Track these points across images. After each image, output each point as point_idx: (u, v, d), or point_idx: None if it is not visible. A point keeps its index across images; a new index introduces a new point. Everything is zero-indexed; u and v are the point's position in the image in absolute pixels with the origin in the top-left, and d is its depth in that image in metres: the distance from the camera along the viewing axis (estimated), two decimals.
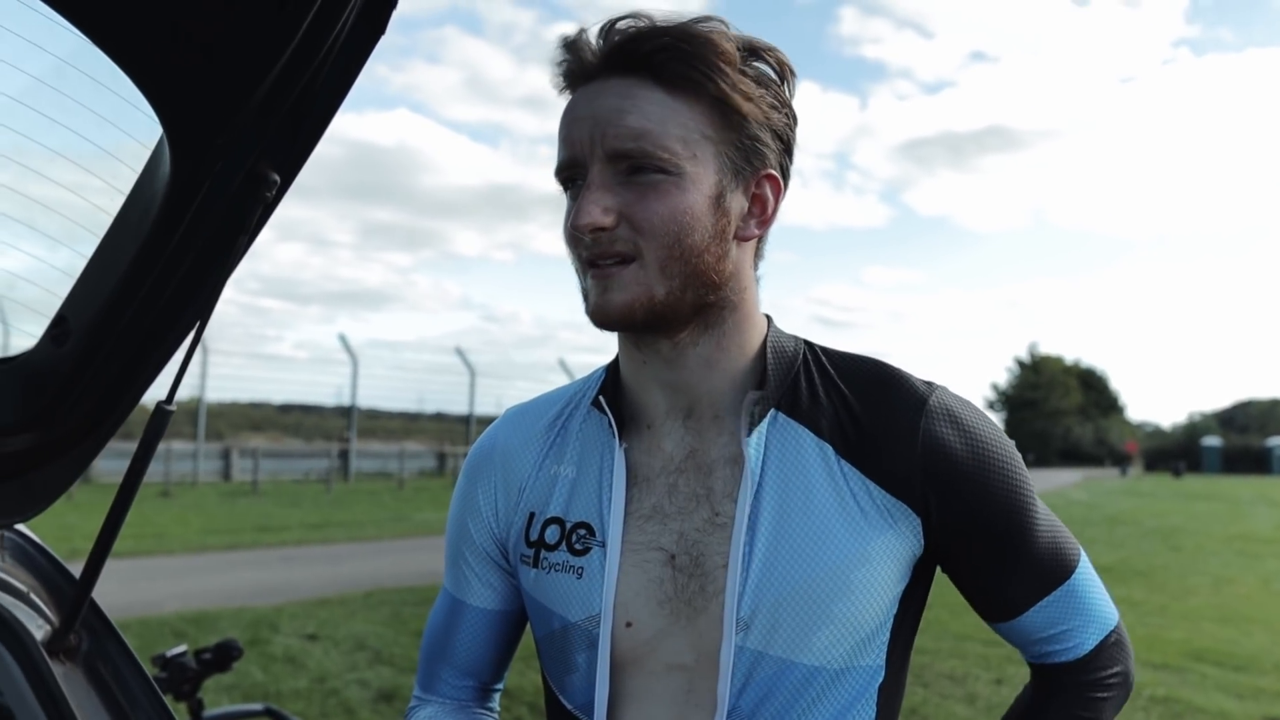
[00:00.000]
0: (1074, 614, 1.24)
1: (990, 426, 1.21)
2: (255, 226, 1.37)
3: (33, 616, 1.58)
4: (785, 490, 1.15)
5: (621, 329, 1.15)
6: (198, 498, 21.02)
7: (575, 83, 1.15)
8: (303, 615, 8.92)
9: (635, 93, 1.09)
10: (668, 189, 1.09)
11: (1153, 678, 7.74)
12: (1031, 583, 1.21)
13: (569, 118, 1.13)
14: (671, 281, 1.11)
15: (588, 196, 1.09)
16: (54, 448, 1.56)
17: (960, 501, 1.15)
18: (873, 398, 1.19)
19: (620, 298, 1.10)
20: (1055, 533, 1.23)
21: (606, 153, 1.09)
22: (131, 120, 1.33)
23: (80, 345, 1.47)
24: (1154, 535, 19.66)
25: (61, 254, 1.52)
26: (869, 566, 1.13)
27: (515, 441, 1.31)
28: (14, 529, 1.70)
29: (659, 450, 1.21)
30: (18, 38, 1.29)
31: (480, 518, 1.32)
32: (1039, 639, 1.25)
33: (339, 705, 6.29)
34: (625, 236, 1.09)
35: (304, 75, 1.22)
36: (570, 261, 1.17)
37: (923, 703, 6.64)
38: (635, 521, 1.19)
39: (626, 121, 1.08)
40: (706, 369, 1.18)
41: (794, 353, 1.23)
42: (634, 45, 1.09)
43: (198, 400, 25.19)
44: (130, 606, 8.57)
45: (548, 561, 1.22)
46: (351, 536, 15.44)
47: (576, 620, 1.19)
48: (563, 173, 1.15)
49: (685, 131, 1.09)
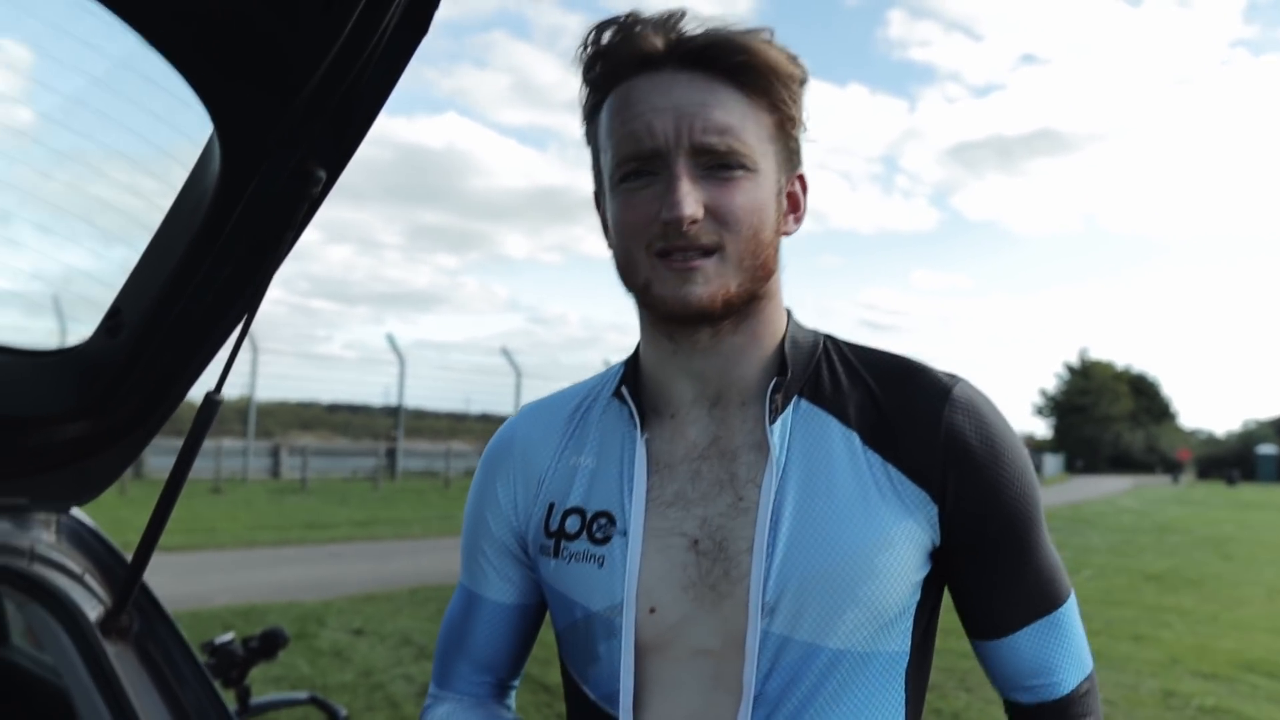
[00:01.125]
0: (1059, 647, 1.21)
1: (1010, 430, 1.21)
2: (302, 222, 1.41)
3: (87, 597, 1.64)
4: (809, 475, 1.16)
5: (697, 321, 1.16)
6: (247, 494, 21.32)
7: (632, 70, 1.14)
8: (349, 610, 9.03)
9: (716, 90, 1.12)
10: (748, 185, 1.12)
11: (1202, 687, 7.61)
12: (1023, 603, 1.20)
13: (639, 106, 1.12)
14: (744, 274, 1.14)
15: (681, 188, 1.09)
16: (107, 436, 1.62)
17: (973, 496, 1.16)
18: (896, 387, 1.20)
19: (704, 290, 1.12)
20: (1053, 559, 1.22)
21: (694, 145, 1.10)
22: (183, 119, 1.38)
23: (133, 336, 1.52)
24: (1206, 544, 19.29)
25: (117, 249, 1.58)
26: (892, 550, 1.14)
27: (535, 434, 1.32)
28: (69, 513, 1.76)
29: (682, 438, 1.22)
30: (76, 40, 1.34)
31: (499, 510, 1.32)
32: (1021, 670, 1.22)
33: (384, 699, 6.36)
34: (710, 229, 1.11)
35: (349, 74, 1.26)
36: (621, 252, 1.17)
37: (966, 707, 6.58)
38: (657, 508, 1.19)
39: (714, 116, 1.10)
40: (738, 357, 1.20)
41: (813, 343, 1.25)
42: (718, 48, 1.12)
43: (248, 399, 25.55)
44: (182, 599, 8.73)
45: (568, 551, 1.22)
46: (398, 534, 15.58)
47: (599, 609, 1.19)
48: (634, 162, 1.13)
49: (757, 129, 1.14)
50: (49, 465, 1.65)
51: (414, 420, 34.04)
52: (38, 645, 2.91)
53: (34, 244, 1.58)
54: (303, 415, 37.87)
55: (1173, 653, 8.80)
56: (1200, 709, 7.00)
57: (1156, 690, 7.47)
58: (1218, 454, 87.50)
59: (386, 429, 31.56)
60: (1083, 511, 28.18)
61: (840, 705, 1.14)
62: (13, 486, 1.65)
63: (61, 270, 1.63)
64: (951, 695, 6.82)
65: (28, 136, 1.51)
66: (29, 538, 1.67)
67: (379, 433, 32.63)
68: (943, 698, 6.73)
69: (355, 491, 23.47)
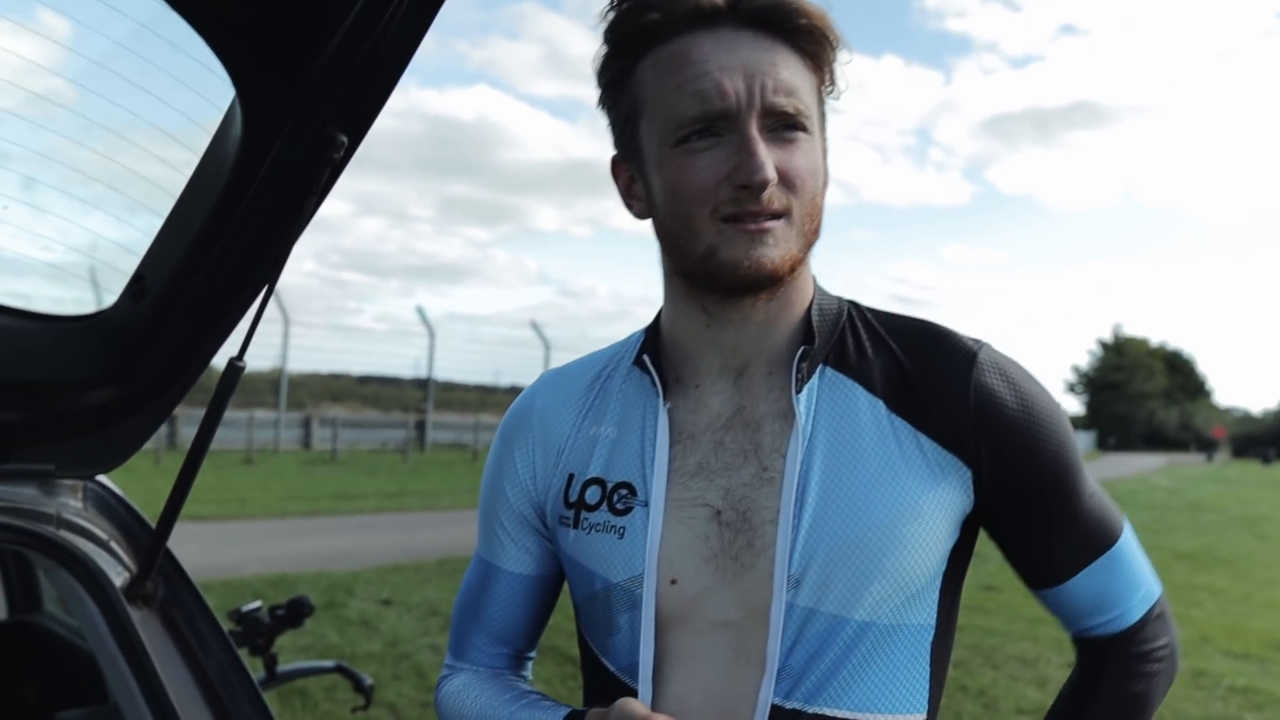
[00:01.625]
0: (1119, 582, 1.21)
1: (1039, 386, 1.20)
2: (324, 188, 1.40)
3: (112, 563, 1.65)
4: (836, 445, 1.14)
5: (764, 285, 1.14)
6: (279, 465, 21.55)
7: (685, 27, 1.10)
8: (377, 581, 9.12)
9: (779, 50, 1.10)
10: (809, 148, 1.12)
11: (1233, 667, 7.55)
12: (1077, 548, 1.19)
13: (711, 63, 1.08)
14: (804, 239, 1.13)
15: (759, 151, 1.07)
16: (132, 402, 1.62)
17: (1011, 456, 1.14)
18: (922, 352, 1.18)
19: (775, 253, 1.10)
20: (1100, 499, 1.21)
21: (765, 107, 1.08)
22: (206, 84, 1.37)
23: (157, 302, 1.52)
24: (1239, 523, 19.11)
25: (140, 215, 1.57)
26: (920, 520, 1.12)
27: (553, 403, 1.30)
28: (96, 480, 1.77)
29: (705, 408, 1.20)
30: (100, 3, 1.33)
31: (517, 480, 1.30)
32: (1084, 609, 1.22)
33: (411, 668, 6.43)
34: (779, 194, 1.09)
35: (369, 38, 1.24)
36: (677, 219, 1.12)
37: (992, 684, 6.56)
38: (679, 478, 1.18)
39: (783, 77, 1.09)
40: (770, 327, 1.19)
41: (839, 310, 1.23)
42: (781, 8, 1.10)
43: (280, 370, 25.77)
44: (213, 568, 8.84)
45: (588, 522, 1.21)
46: (426, 506, 15.70)
47: (619, 580, 1.18)
48: (700, 123, 1.09)
49: (812, 91, 1.13)
50: (75, 431, 1.65)
51: (443, 393, 34.23)
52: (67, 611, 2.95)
53: (59, 210, 1.58)
54: (333, 387, 38.15)
55: (1204, 632, 8.73)
56: (1231, 688, 6.95)
57: (1187, 670, 7.42)
58: (1253, 432, 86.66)
59: (416, 401, 31.75)
60: (1114, 489, 27.97)
61: (864, 679, 1.13)
62: (39, 453, 1.66)
63: (86, 236, 1.63)
64: (978, 672, 6.80)
65: (52, 102, 1.50)
66: (55, 504, 1.68)
67: (409, 405, 32.83)
68: (969, 674, 6.71)
69: (385, 463, 23.66)
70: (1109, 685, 1.23)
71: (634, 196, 1.21)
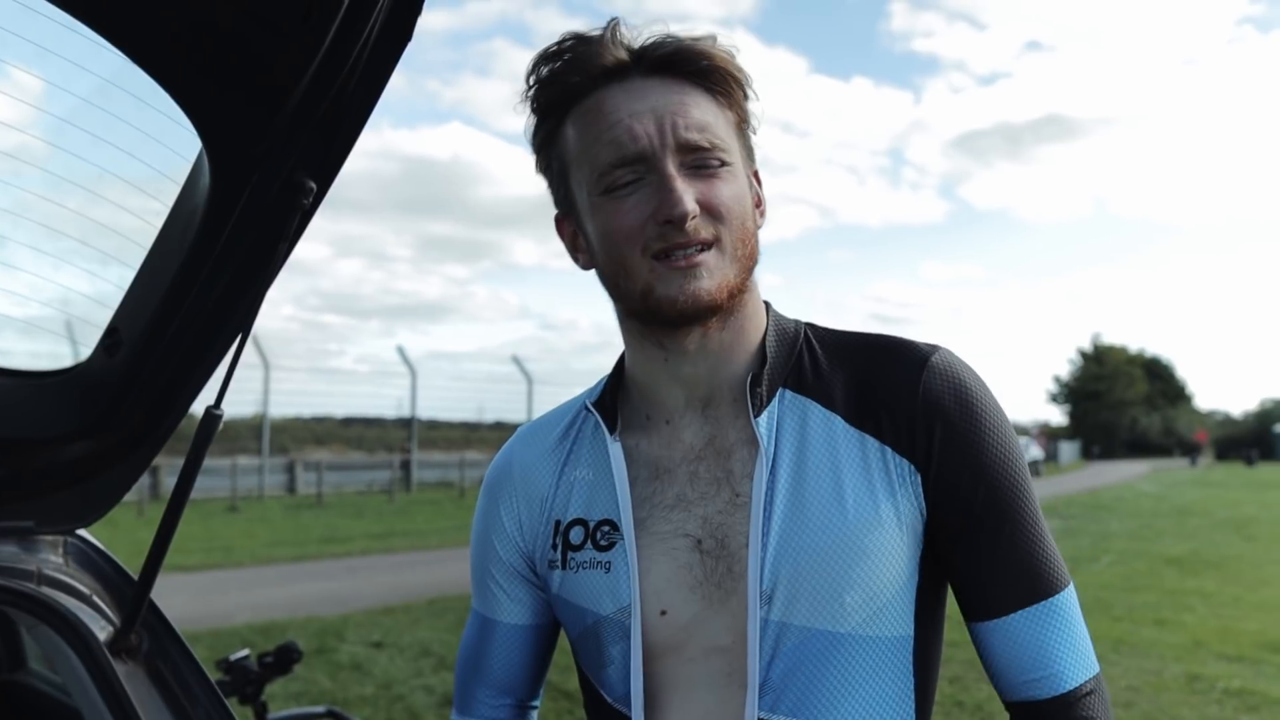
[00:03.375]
0: (1058, 638, 1.16)
1: (990, 397, 1.21)
2: (294, 234, 1.41)
3: (96, 618, 1.64)
4: (799, 464, 1.17)
5: (703, 317, 1.17)
6: (264, 511, 21.38)
7: (596, 84, 1.16)
8: (368, 623, 9.05)
9: (689, 92, 1.16)
10: (729, 178, 1.16)
11: (1226, 670, 7.57)
12: (1018, 583, 1.17)
13: (622, 112, 1.14)
14: (738, 265, 1.17)
15: (676, 186, 1.11)
16: (110, 455, 1.62)
17: (952, 458, 1.16)
18: (877, 364, 1.21)
19: (712, 284, 1.14)
20: (1049, 544, 1.19)
21: (678, 144, 1.13)
22: (172, 136, 1.38)
23: (132, 354, 1.53)
24: (1226, 526, 19.20)
25: (112, 268, 1.58)
26: (881, 530, 1.14)
27: (530, 456, 1.34)
28: (76, 534, 1.76)
29: (678, 442, 1.24)
30: (63, 61, 1.34)
31: (505, 534, 1.34)
32: (1018, 660, 1.17)
33: (405, 711, 6.37)
34: (705, 224, 1.14)
35: (334, 83, 1.25)
36: (613, 262, 1.17)
37: (989, 699, 6.53)
38: (660, 512, 1.21)
39: (692, 114, 1.14)
40: (725, 356, 1.22)
41: (795, 333, 1.26)
42: (682, 54, 1.16)
43: (262, 416, 25.64)
44: (202, 618, 8.76)
45: (575, 561, 1.25)
46: (414, 545, 15.60)
47: (608, 613, 1.21)
48: (619, 169, 1.14)
49: (726, 127, 1.18)
50: (54, 487, 1.65)
51: (427, 431, 34.14)
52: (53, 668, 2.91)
53: (29, 266, 1.58)
54: (316, 430, 37.95)
55: (1196, 636, 8.76)
56: (1226, 691, 6.96)
57: (1181, 674, 7.43)
58: (1235, 434, 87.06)
59: (400, 441, 31.64)
60: (1101, 497, 28.07)
61: (846, 691, 1.15)
62: (18, 509, 1.66)
63: (58, 291, 1.63)
64: (974, 687, 6.78)
65: (19, 159, 1.51)
66: (36, 560, 1.67)
67: (393, 445, 32.72)
68: (965, 690, 6.69)
69: (371, 504, 23.53)
70: None
71: (578, 249, 1.26)
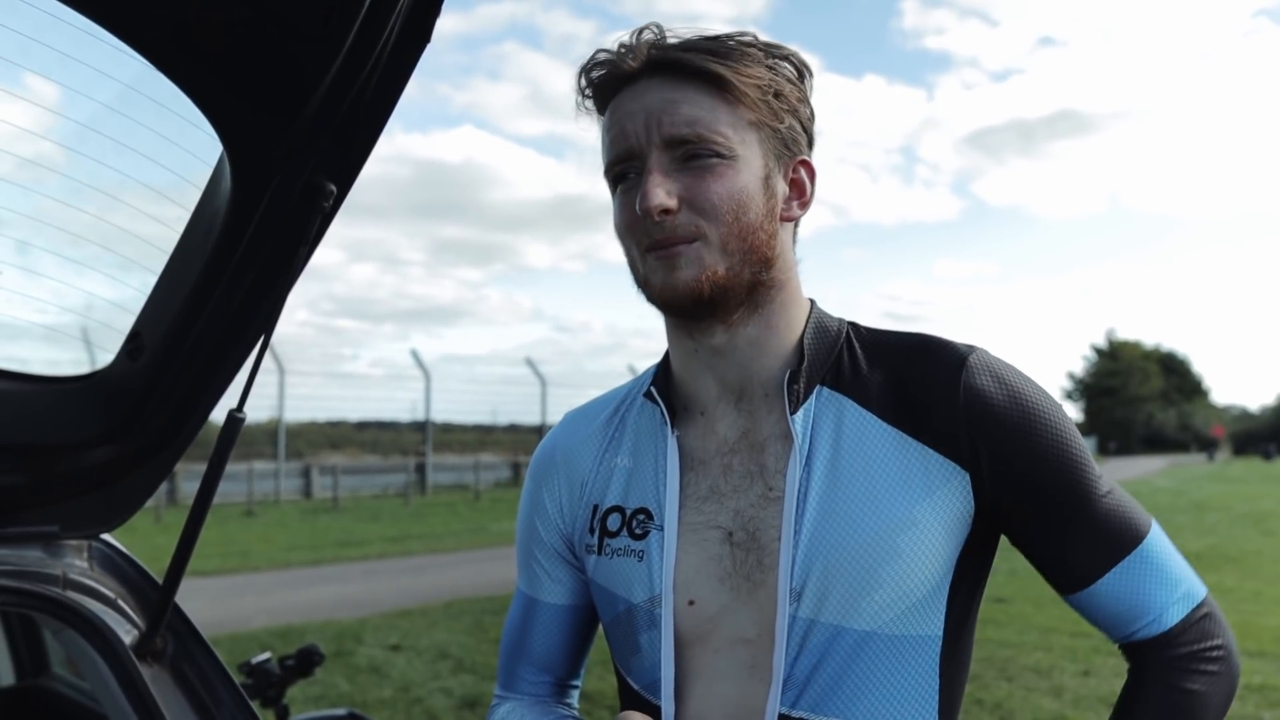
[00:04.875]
0: (1151, 582, 1.18)
1: (1034, 385, 1.21)
2: (315, 238, 1.42)
3: (121, 621, 1.65)
4: (834, 461, 1.18)
5: (688, 306, 1.18)
6: (280, 516, 21.45)
7: (615, 88, 1.20)
8: (385, 627, 9.07)
9: (682, 88, 1.17)
10: (723, 171, 1.16)
11: (1248, 665, 7.51)
12: (1098, 548, 1.18)
13: (618, 114, 1.19)
14: (731, 258, 1.16)
15: (651, 180, 1.14)
16: (133, 459, 1.63)
17: (1008, 453, 1.16)
18: (915, 363, 1.21)
19: (687, 274, 1.15)
20: (1119, 497, 1.20)
21: (664, 139, 1.15)
22: (193, 141, 1.39)
23: (155, 359, 1.53)
24: (1245, 520, 19.09)
25: (135, 273, 1.59)
26: (916, 530, 1.14)
27: (574, 441, 1.37)
28: (100, 538, 1.77)
29: (713, 434, 1.25)
30: (85, 67, 1.35)
31: (547, 517, 1.37)
32: (1119, 614, 1.19)
33: (424, 713, 6.39)
34: (687, 220, 1.15)
35: (354, 86, 1.26)
36: (626, 254, 1.22)
37: (1008, 696, 6.53)
38: (693, 503, 1.23)
39: (681, 110, 1.15)
40: (756, 350, 1.23)
41: (837, 331, 1.27)
42: (677, 51, 1.17)
43: (277, 420, 25.71)
44: (220, 623, 8.79)
45: (610, 548, 1.27)
46: (430, 548, 15.64)
47: (639, 602, 1.23)
48: (616, 166, 1.19)
49: (732, 119, 1.17)
50: (78, 491, 1.66)
51: (442, 434, 34.16)
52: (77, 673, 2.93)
53: (53, 272, 1.59)
54: (331, 435, 38.03)
55: None
56: (1247, 687, 6.91)
57: None
58: (1253, 429, 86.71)
59: (415, 444, 31.70)
60: None
61: (869, 689, 1.15)
62: (43, 514, 1.67)
63: (82, 297, 1.64)
64: (993, 685, 6.77)
65: (42, 166, 1.52)
66: (61, 565, 1.68)
67: (408, 448, 32.77)
68: (984, 688, 6.67)
69: (387, 508, 23.58)
70: (1153, 691, 1.18)
71: None
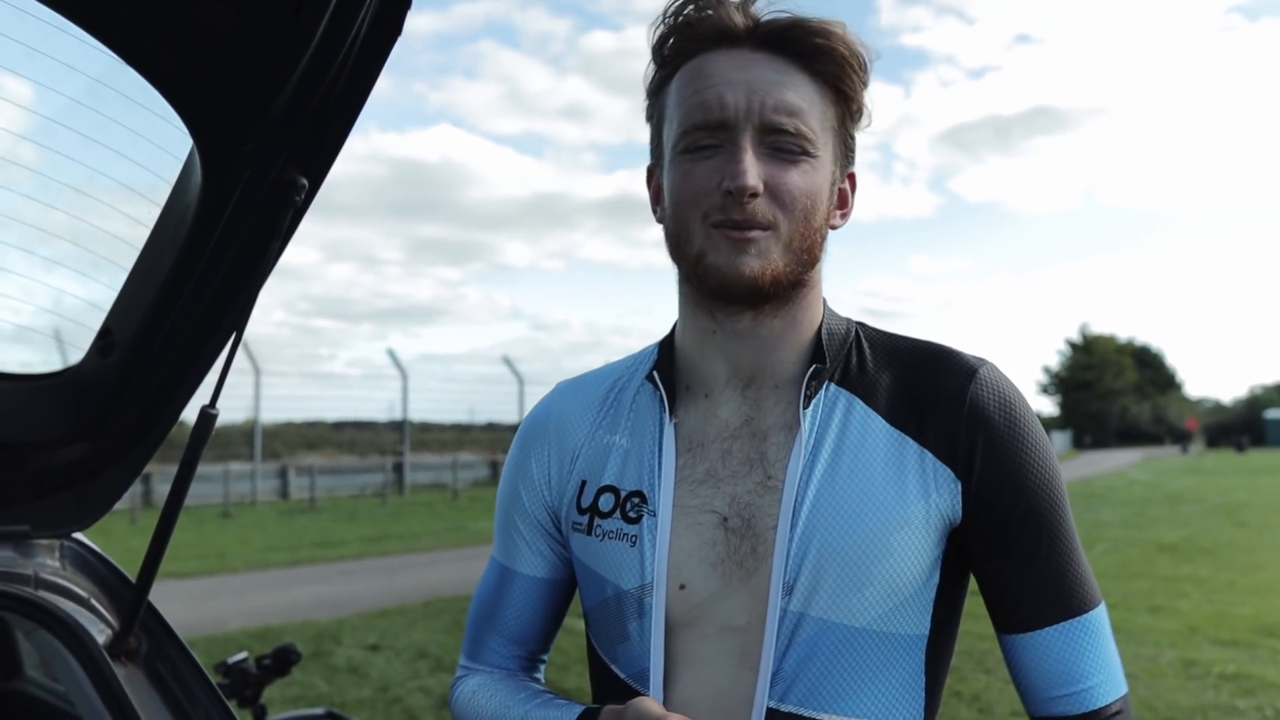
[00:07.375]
0: (1090, 654, 1.16)
1: (1034, 418, 1.21)
2: (287, 231, 1.41)
3: (94, 621, 1.64)
4: (835, 457, 1.17)
5: (743, 294, 1.16)
6: (257, 517, 21.30)
7: (708, 45, 1.17)
8: (364, 627, 9.02)
9: (790, 73, 1.15)
10: (808, 168, 1.15)
11: (1222, 655, 7.60)
12: (1050, 599, 1.16)
13: (713, 78, 1.15)
14: (792, 255, 1.16)
15: (746, 160, 1.11)
16: (105, 457, 1.61)
17: (995, 471, 1.16)
18: (924, 369, 1.21)
19: (756, 264, 1.13)
20: (1083, 564, 1.20)
21: (763, 123, 1.13)
22: (163, 135, 1.37)
23: (126, 355, 1.52)
24: (1219, 512, 19.29)
25: (105, 268, 1.57)
26: (908, 530, 1.14)
27: (569, 411, 1.34)
28: (72, 537, 1.75)
29: (714, 417, 1.23)
30: (52, 61, 1.34)
31: (533, 485, 1.34)
32: (1048, 672, 1.16)
33: (402, 712, 6.36)
34: (766, 208, 1.13)
35: (324, 79, 1.25)
36: (676, 221, 1.18)
37: (986, 688, 6.57)
38: (688, 486, 1.21)
39: (786, 97, 1.13)
40: (775, 342, 1.22)
41: (846, 330, 1.27)
42: (795, 32, 1.15)
43: (253, 421, 25.55)
44: (197, 625, 8.72)
45: (601, 529, 1.24)
46: (408, 548, 15.57)
47: (629, 588, 1.21)
48: (700, 131, 1.15)
49: (823, 120, 1.17)
50: (49, 490, 1.64)
51: (419, 434, 34.05)
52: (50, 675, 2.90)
53: (22, 269, 1.57)
54: (308, 435, 37.81)
55: (1191, 622, 8.80)
56: (1221, 676, 6.99)
57: (1176, 660, 7.46)
58: (1225, 421, 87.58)
59: (392, 444, 31.57)
60: (1093, 486, 28.16)
61: (856, 685, 1.15)
62: (13, 513, 1.65)
63: (51, 294, 1.63)
64: (971, 677, 6.81)
65: (9, 162, 1.50)
66: (32, 564, 1.66)
67: (385, 448, 32.61)
68: (962, 680, 6.71)
69: (364, 508, 23.46)
70: None
71: (658, 202, 1.27)
